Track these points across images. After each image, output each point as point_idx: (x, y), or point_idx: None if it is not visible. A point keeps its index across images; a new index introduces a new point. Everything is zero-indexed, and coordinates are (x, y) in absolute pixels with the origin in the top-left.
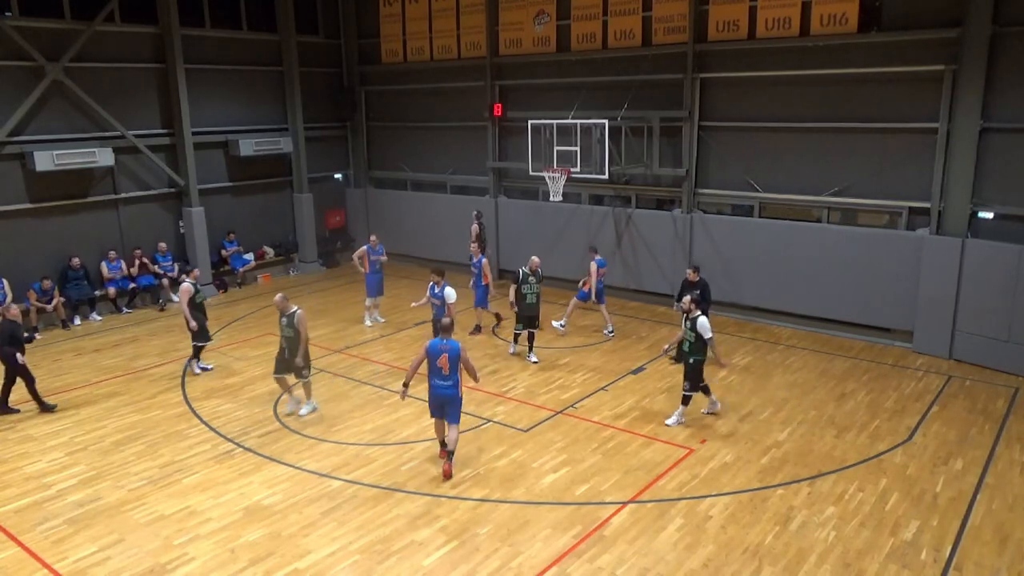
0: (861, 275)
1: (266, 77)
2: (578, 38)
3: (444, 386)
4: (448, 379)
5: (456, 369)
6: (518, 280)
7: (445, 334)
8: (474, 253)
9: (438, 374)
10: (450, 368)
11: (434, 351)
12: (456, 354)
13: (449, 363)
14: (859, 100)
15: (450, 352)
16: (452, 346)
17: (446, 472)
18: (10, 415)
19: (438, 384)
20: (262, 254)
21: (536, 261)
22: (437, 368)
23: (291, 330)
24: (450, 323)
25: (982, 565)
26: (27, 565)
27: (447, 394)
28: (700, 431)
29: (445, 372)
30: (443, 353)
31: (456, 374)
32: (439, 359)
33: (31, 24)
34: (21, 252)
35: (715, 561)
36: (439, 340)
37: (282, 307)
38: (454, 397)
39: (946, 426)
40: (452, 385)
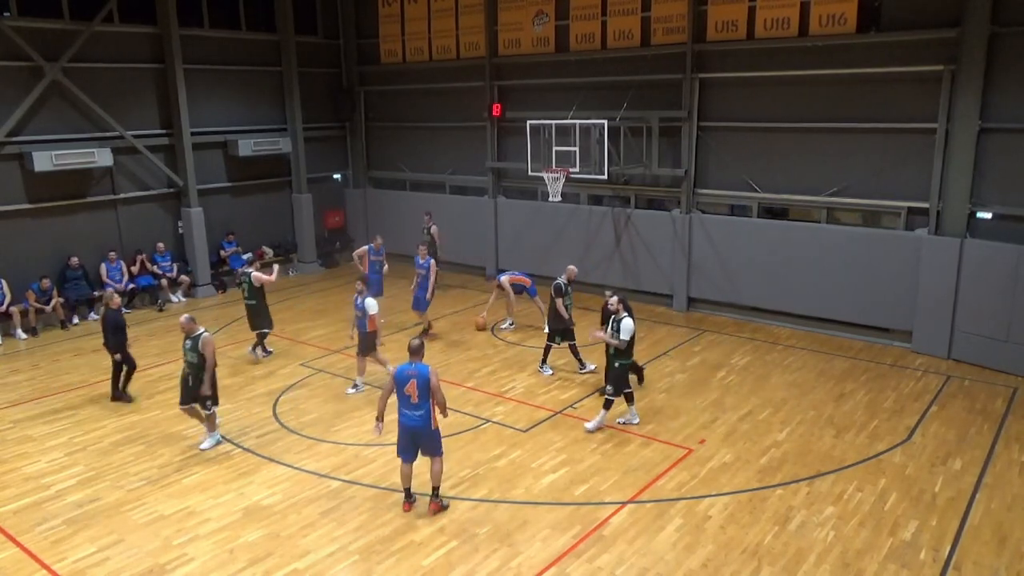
0: (860, 275)
1: (265, 77)
2: (577, 38)
3: (414, 416)
4: (418, 408)
5: (427, 397)
6: (561, 293)
7: (414, 357)
8: (421, 255)
9: (406, 403)
10: (419, 396)
11: (401, 377)
12: (425, 380)
13: (418, 390)
14: (858, 100)
15: (418, 378)
16: (421, 371)
17: (434, 507)
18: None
19: (407, 414)
20: (261, 254)
21: (574, 270)
22: (405, 396)
23: (195, 355)
24: (419, 344)
25: (981, 565)
26: (26, 566)
27: (417, 425)
28: (699, 431)
29: (414, 400)
30: (411, 379)
31: (427, 402)
32: (407, 386)
33: (30, 24)
34: (20, 252)
35: (714, 561)
36: (407, 364)
37: (188, 329)
38: (425, 429)
39: (945, 426)
40: (423, 415)
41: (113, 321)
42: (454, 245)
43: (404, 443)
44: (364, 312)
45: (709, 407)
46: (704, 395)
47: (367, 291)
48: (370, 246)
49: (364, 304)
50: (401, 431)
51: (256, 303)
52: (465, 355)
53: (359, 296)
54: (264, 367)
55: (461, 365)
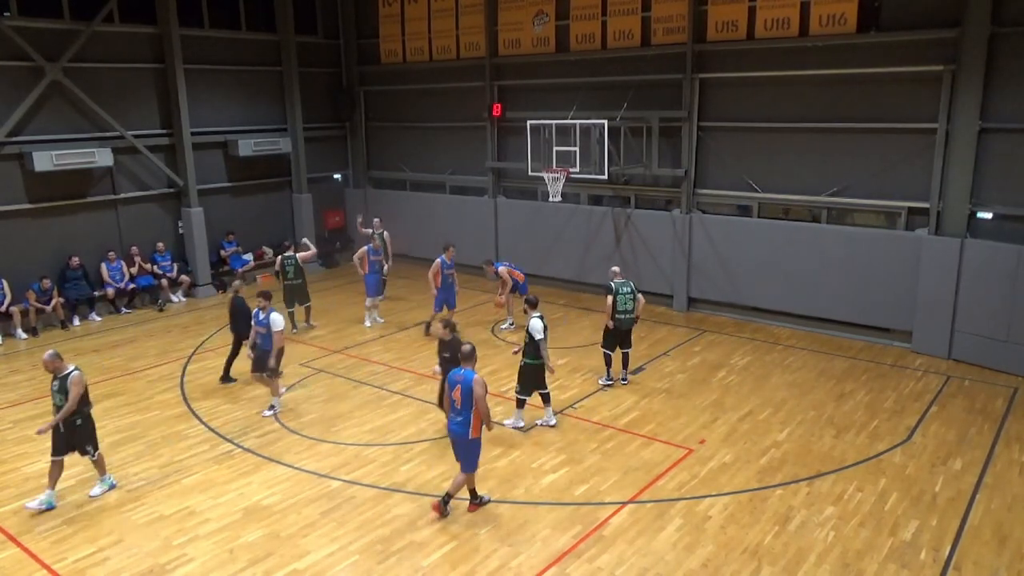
0: (860, 275)
1: (265, 77)
2: (577, 38)
3: (455, 421)
4: (459, 414)
5: (469, 405)
6: (613, 292)
7: (465, 363)
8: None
9: (452, 407)
10: (462, 403)
11: (450, 381)
12: (468, 388)
13: (461, 397)
14: (858, 100)
15: (463, 384)
16: (466, 378)
17: (437, 508)
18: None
19: (451, 418)
20: (261, 254)
21: (616, 270)
22: (451, 400)
23: (62, 396)
24: (470, 351)
25: (981, 565)
26: (26, 566)
27: (456, 432)
28: (699, 431)
29: (457, 406)
30: (456, 385)
31: (468, 411)
32: (453, 391)
33: (30, 24)
34: (20, 252)
35: (714, 561)
36: (458, 369)
37: (53, 367)
38: (462, 437)
39: (945, 426)
40: (463, 423)
41: (240, 308)
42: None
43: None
44: (268, 328)
45: (709, 407)
46: (704, 395)
47: (270, 306)
48: (369, 246)
49: (269, 319)
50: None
51: (301, 281)
52: None
53: (261, 311)
54: None
55: None
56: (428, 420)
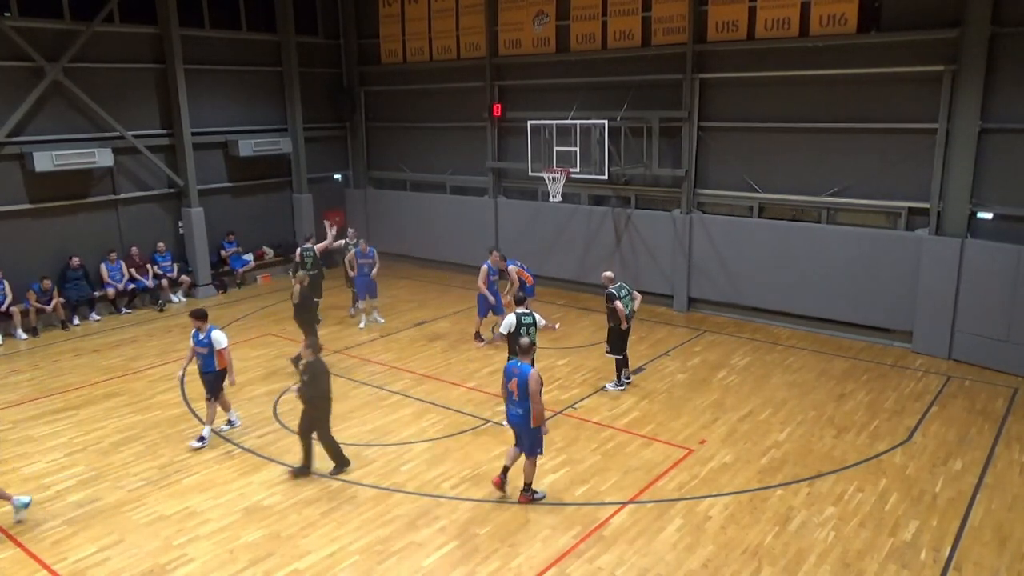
0: (860, 275)
1: (265, 77)
2: (577, 38)
3: (514, 413)
4: (518, 405)
5: (526, 396)
6: (618, 297)
7: (523, 356)
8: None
9: (509, 398)
10: (519, 394)
11: (507, 373)
12: (524, 381)
13: (519, 389)
14: (858, 100)
15: (520, 377)
16: (523, 371)
17: (496, 483)
18: None
19: (509, 409)
20: (261, 254)
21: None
22: (509, 392)
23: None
24: (529, 344)
25: (981, 565)
26: (26, 566)
27: (516, 422)
28: (700, 431)
29: (515, 397)
30: (513, 377)
31: (527, 402)
32: (510, 383)
33: (30, 24)
34: (20, 252)
35: (715, 561)
36: (514, 362)
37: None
38: (523, 427)
39: (945, 426)
40: (523, 414)
41: (304, 299)
42: (455, 245)
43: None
44: (210, 348)
45: (709, 407)
46: (704, 395)
47: (208, 324)
48: (356, 250)
49: (211, 338)
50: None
51: (317, 272)
52: (466, 355)
53: (199, 332)
54: (264, 367)
55: (462, 365)
56: (428, 420)
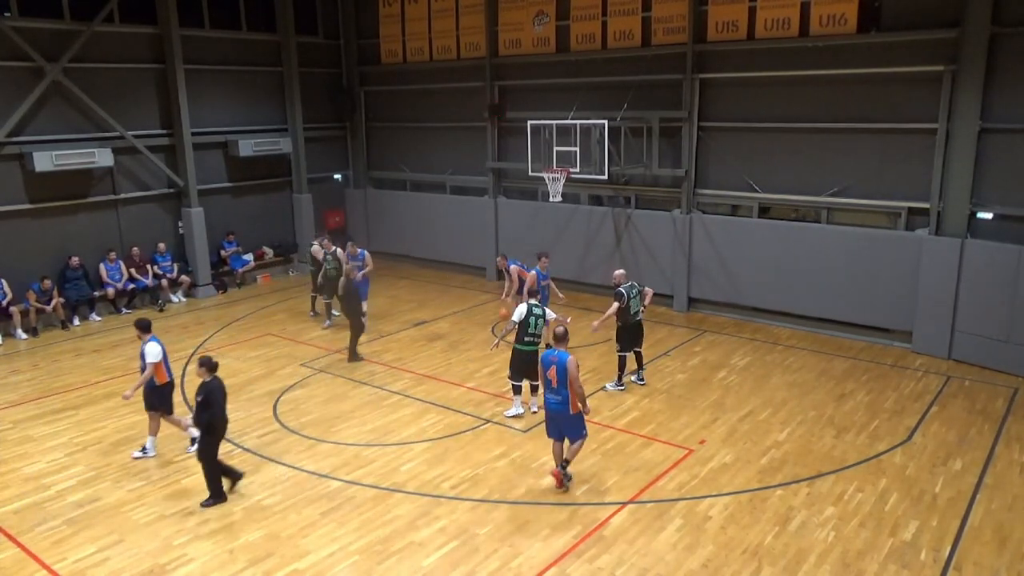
0: (860, 275)
1: (265, 77)
2: (577, 38)
3: (554, 401)
4: (557, 393)
5: (565, 383)
6: (624, 298)
7: (559, 344)
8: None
9: (548, 387)
10: (558, 382)
11: (545, 362)
12: (563, 368)
13: (557, 376)
14: (858, 100)
15: (558, 364)
16: (561, 358)
17: (557, 477)
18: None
19: (549, 399)
20: (261, 254)
21: (622, 272)
22: (547, 380)
23: None
24: (563, 332)
25: (981, 565)
26: (26, 566)
27: (557, 410)
28: (700, 431)
29: (554, 385)
30: (552, 365)
31: (566, 389)
32: (548, 371)
33: (30, 24)
34: (20, 252)
35: (714, 561)
36: (551, 351)
37: None
38: (564, 413)
39: (945, 426)
40: (562, 400)
41: (353, 289)
42: (454, 246)
43: (549, 426)
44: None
45: (709, 407)
46: (704, 395)
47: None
48: (347, 253)
49: (144, 350)
50: (546, 413)
51: (336, 274)
52: (466, 355)
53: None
54: (264, 367)
55: (462, 365)
56: (428, 420)
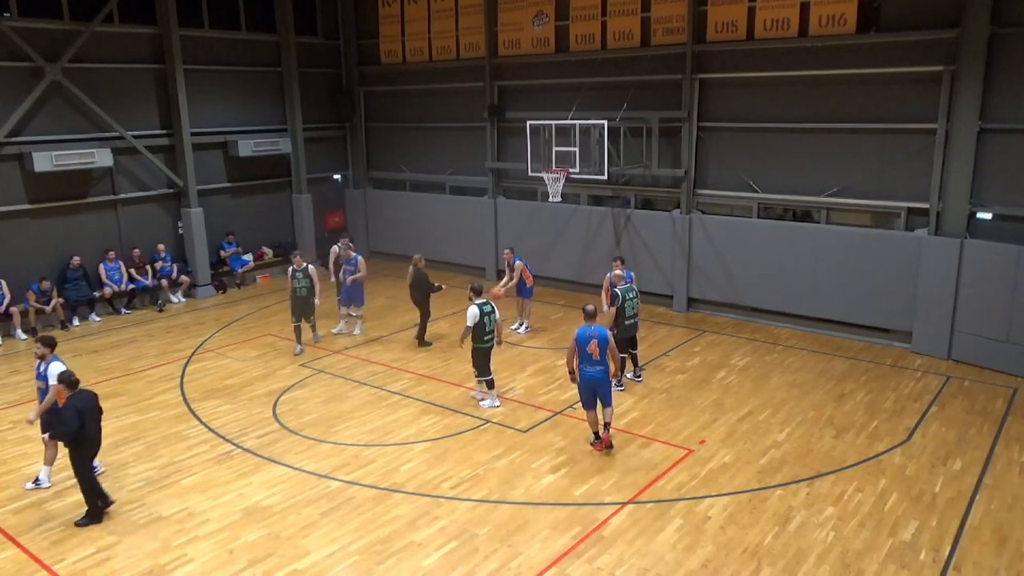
0: (860, 275)
1: (265, 78)
2: (577, 39)
3: (597, 371)
4: (600, 363)
5: (605, 353)
6: (620, 300)
7: (591, 320)
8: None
9: (589, 360)
10: (599, 353)
11: (583, 339)
12: (604, 339)
13: (599, 348)
14: (858, 101)
15: (599, 338)
16: (600, 332)
17: (607, 441)
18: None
19: (590, 370)
20: (261, 255)
21: (619, 272)
22: (588, 354)
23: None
24: (593, 310)
25: (981, 565)
26: (26, 566)
27: (598, 378)
28: (699, 432)
29: (596, 357)
30: (592, 339)
31: (606, 358)
32: (589, 345)
33: (30, 25)
34: (20, 253)
35: (714, 562)
36: (587, 327)
37: None
38: (605, 380)
39: (945, 426)
40: (603, 369)
41: (420, 279)
42: (454, 246)
43: (586, 395)
44: (47, 382)
45: (709, 407)
46: (704, 395)
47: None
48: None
49: (47, 371)
50: (584, 384)
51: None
52: (465, 355)
53: (41, 362)
54: (264, 367)
55: (461, 365)
56: (428, 420)
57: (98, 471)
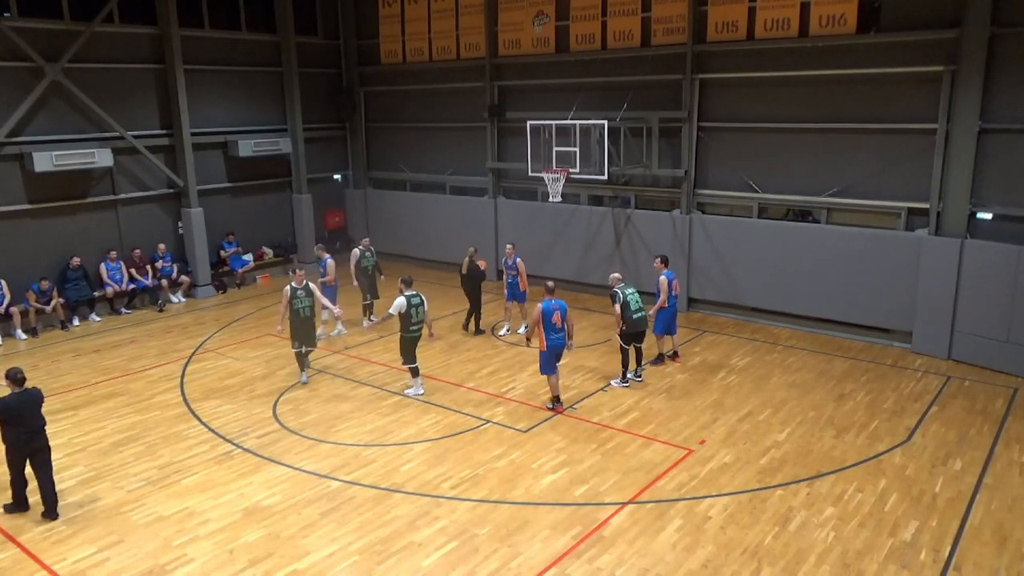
0: (860, 275)
1: (265, 78)
2: (577, 39)
3: (560, 338)
4: (561, 331)
5: (564, 322)
6: (621, 300)
7: (551, 295)
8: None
9: (553, 329)
10: (562, 322)
11: (548, 311)
12: (565, 310)
13: (561, 318)
14: (858, 101)
15: (561, 309)
16: (561, 305)
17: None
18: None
19: (556, 337)
20: (261, 255)
21: (617, 276)
22: (552, 324)
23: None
24: (553, 286)
25: (981, 565)
26: (26, 566)
27: (562, 344)
28: (699, 432)
29: (559, 326)
30: (556, 311)
31: (565, 326)
32: (553, 316)
33: (30, 25)
34: (20, 253)
35: (714, 562)
36: (550, 301)
37: None
38: (564, 346)
39: (945, 426)
40: (564, 335)
41: (474, 270)
42: (454, 246)
43: (551, 360)
44: None
45: (709, 408)
46: (704, 396)
47: None
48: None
49: None
50: (550, 352)
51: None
52: (465, 355)
53: None
54: (264, 367)
55: (461, 366)
56: (428, 420)
57: None
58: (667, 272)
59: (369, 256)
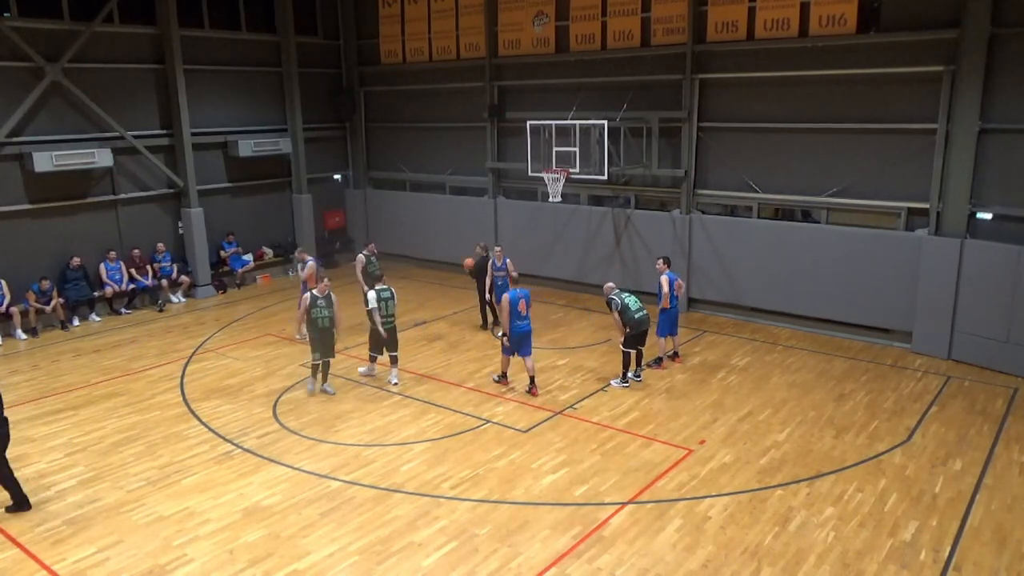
0: (860, 275)
1: (265, 78)
2: (577, 39)
3: (525, 324)
4: (527, 318)
5: (528, 310)
6: (619, 307)
7: (516, 285)
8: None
9: (518, 316)
10: (527, 310)
11: (515, 300)
12: (529, 297)
13: (526, 306)
14: (858, 101)
15: (526, 297)
16: (525, 294)
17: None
18: None
19: (521, 325)
20: (261, 255)
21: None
22: (517, 312)
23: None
24: (517, 276)
25: (981, 565)
26: (26, 566)
27: (527, 330)
28: (699, 432)
29: (524, 313)
30: (521, 299)
31: (529, 314)
32: (519, 305)
33: (30, 25)
34: (20, 253)
35: (714, 562)
36: (515, 291)
37: None
38: (530, 332)
39: (945, 427)
40: (529, 322)
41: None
42: (454, 246)
43: (515, 346)
44: None
45: (709, 408)
46: (704, 396)
47: None
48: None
49: None
50: (516, 337)
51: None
52: (465, 355)
53: None
54: (264, 367)
55: (461, 366)
56: (428, 420)
57: None
58: (669, 273)
59: (375, 261)
